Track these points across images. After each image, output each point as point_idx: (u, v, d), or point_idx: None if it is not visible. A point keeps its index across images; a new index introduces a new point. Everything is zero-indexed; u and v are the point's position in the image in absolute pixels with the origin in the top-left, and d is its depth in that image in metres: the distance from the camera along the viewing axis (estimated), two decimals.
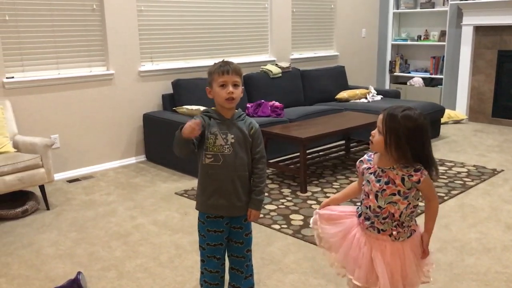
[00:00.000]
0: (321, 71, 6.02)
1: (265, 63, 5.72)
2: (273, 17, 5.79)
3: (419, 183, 1.71)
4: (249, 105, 4.99)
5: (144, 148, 4.89)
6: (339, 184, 4.04)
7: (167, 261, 2.77)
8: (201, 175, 2.05)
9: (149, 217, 3.44)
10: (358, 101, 5.78)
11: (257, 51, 5.79)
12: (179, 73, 4.99)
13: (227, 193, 2.02)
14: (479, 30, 6.29)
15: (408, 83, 7.17)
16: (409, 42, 7.27)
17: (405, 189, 1.72)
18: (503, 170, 4.34)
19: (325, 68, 6.16)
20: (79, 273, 2.49)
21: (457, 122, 6.43)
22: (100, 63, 4.52)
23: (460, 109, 6.56)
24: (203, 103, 4.46)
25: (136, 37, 4.66)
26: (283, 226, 3.21)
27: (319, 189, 3.92)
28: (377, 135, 1.75)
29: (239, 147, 2.01)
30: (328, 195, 3.76)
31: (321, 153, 4.71)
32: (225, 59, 2.07)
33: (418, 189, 1.75)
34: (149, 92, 4.86)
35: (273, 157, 4.46)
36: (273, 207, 3.55)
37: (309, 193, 3.82)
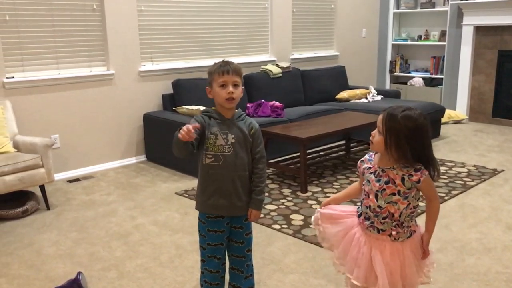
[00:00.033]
0: (322, 71, 6.02)
1: (265, 63, 5.72)
2: (273, 17, 5.79)
3: (419, 183, 1.71)
4: (249, 105, 4.99)
5: (144, 148, 4.89)
6: (339, 184, 4.04)
7: (168, 261, 2.77)
8: (202, 175, 2.05)
9: (150, 217, 3.44)
10: (358, 101, 5.78)
11: (257, 51, 5.79)
12: (179, 73, 4.99)
13: (228, 193, 2.01)
14: (480, 30, 6.29)
15: (408, 83, 7.16)
16: (409, 42, 7.26)
17: (405, 189, 1.72)
18: (503, 170, 4.34)
19: (325, 68, 6.16)
20: (80, 273, 2.49)
21: (458, 122, 6.43)
22: (100, 63, 4.52)
23: (460, 109, 6.56)
24: (203, 103, 4.46)
25: (136, 37, 4.66)
26: (284, 226, 3.21)
27: (320, 189, 3.92)
28: (377, 135, 1.75)
29: (240, 147, 2.00)
30: (328, 195, 3.76)
31: (321, 153, 4.71)
32: (225, 59, 2.07)
33: (418, 189, 1.74)
34: (149, 92, 4.86)
35: (273, 157, 4.45)
36: (273, 207, 3.55)
37: (309, 193, 3.82)
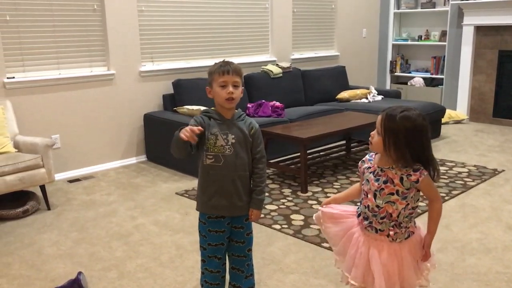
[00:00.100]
0: (322, 71, 6.02)
1: (266, 63, 5.72)
2: (273, 17, 5.79)
3: (417, 183, 1.70)
4: (249, 105, 4.99)
5: (144, 148, 4.89)
6: (339, 184, 4.04)
7: (168, 261, 2.77)
8: (202, 175, 2.05)
9: (150, 217, 3.44)
10: (358, 101, 5.78)
11: (257, 51, 5.79)
12: (180, 73, 4.99)
13: (228, 193, 2.01)
14: (480, 30, 6.29)
15: (408, 83, 7.16)
16: (409, 42, 7.26)
17: (403, 189, 1.72)
18: (504, 170, 4.34)
19: (325, 68, 6.16)
20: (80, 273, 2.49)
21: (458, 122, 6.42)
22: (101, 63, 4.52)
23: (461, 109, 6.55)
24: (203, 103, 4.46)
25: (136, 37, 4.66)
26: (284, 226, 3.21)
27: (320, 189, 3.92)
28: (376, 136, 1.74)
29: (240, 147, 2.01)
30: (329, 195, 3.76)
31: (321, 153, 4.71)
32: (225, 59, 2.07)
33: (418, 189, 1.74)
34: (150, 92, 4.86)
35: (273, 157, 4.45)
36: (273, 207, 3.55)
37: (309, 193, 3.82)
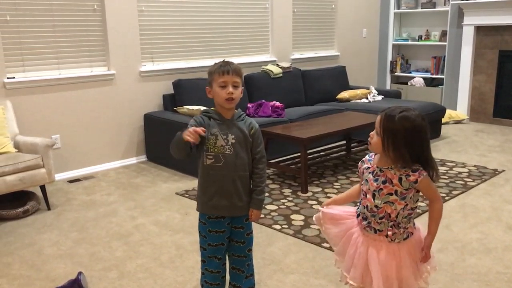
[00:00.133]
0: (322, 71, 6.02)
1: (266, 63, 5.72)
2: (274, 17, 5.79)
3: (416, 183, 1.70)
4: (250, 105, 4.99)
5: (145, 148, 4.89)
6: (340, 184, 4.04)
7: (168, 261, 2.77)
8: (202, 176, 2.05)
9: (150, 217, 3.44)
10: (359, 101, 5.78)
11: (258, 51, 5.79)
12: (180, 73, 4.99)
13: (229, 193, 2.01)
14: (480, 30, 6.28)
15: (409, 83, 7.16)
16: (410, 42, 7.26)
17: (402, 189, 1.72)
18: (504, 170, 4.34)
19: (326, 68, 6.16)
20: (80, 273, 2.49)
21: (458, 122, 6.42)
22: (101, 63, 4.52)
23: (461, 109, 6.55)
24: (204, 103, 4.46)
25: (137, 37, 4.66)
26: (284, 226, 3.21)
27: (320, 189, 3.92)
28: (375, 137, 1.74)
29: (240, 147, 2.01)
30: (329, 195, 3.76)
31: (322, 153, 4.71)
32: (225, 59, 2.07)
33: (417, 190, 1.74)
34: (150, 92, 4.86)
35: (274, 157, 4.45)
36: (274, 207, 3.54)
37: (310, 193, 3.82)
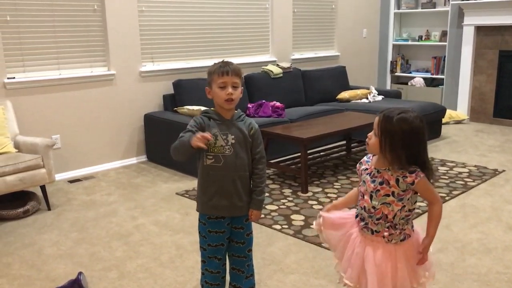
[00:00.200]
0: (322, 71, 6.02)
1: (266, 63, 5.72)
2: (274, 17, 5.79)
3: (413, 184, 1.70)
4: (250, 105, 4.99)
5: (145, 148, 4.89)
6: (340, 184, 4.04)
7: (168, 261, 2.77)
8: (202, 176, 2.05)
9: (150, 217, 3.44)
10: (359, 101, 5.78)
11: (258, 52, 5.79)
12: (180, 73, 4.99)
13: (229, 193, 2.01)
14: (480, 30, 6.28)
15: (409, 83, 7.16)
16: (410, 42, 7.26)
17: (399, 191, 1.71)
18: (504, 170, 4.33)
19: (326, 68, 6.16)
20: (80, 273, 2.49)
21: (458, 122, 6.42)
22: (101, 64, 4.52)
23: (461, 109, 6.55)
24: (204, 104, 4.46)
25: (137, 37, 4.66)
26: (284, 226, 3.21)
27: (320, 189, 3.92)
28: (373, 138, 1.74)
29: (240, 147, 2.01)
30: (329, 195, 3.76)
31: (322, 153, 4.71)
32: (225, 60, 2.07)
33: (415, 191, 1.74)
34: (150, 92, 4.86)
35: (274, 158, 4.45)
36: (274, 207, 3.54)
37: (310, 194, 3.82)
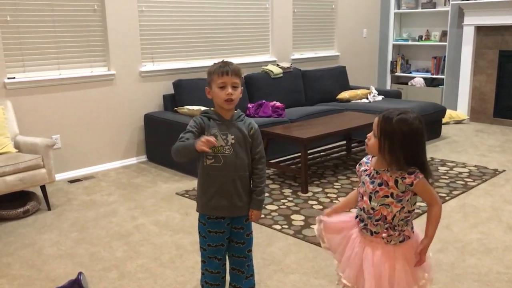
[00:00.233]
0: (322, 71, 6.02)
1: (266, 63, 5.72)
2: (274, 18, 5.79)
3: (412, 185, 1.69)
4: (250, 105, 4.99)
5: (145, 148, 4.89)
6: (340, 184, 4.03)
7: (168, 262, 2.77)
8: (202, 176, 2.04)
9: (150, 217, 3.44)
10: (359, 101, 5.78)
11: (258, 52, 5.79)
12: (180, 73, 4.99)
13: (229, 193, 2.01)
14: (481, 30, 6.28)
15: (409, 83, 7.16)
16: (410, 42, 7.26)
17: (398, 192, 1.71)
18: (504, 170, 4.33)
19: (326, 68, 6.16)
20: (80, 273, 2.49)
21: (459, 122, 6.42)
22: (101, 64, 4.52)
23: (461, 109, 6.55)
24: (204, 104, 4.46)
25: (137, 37, 4.66)
26: (284, 226, 3.21)
27: (320, 189, 3.92)
28: (372, 138, 1.74)
29: (239, 147, 2.01)
30: (329, 195, 3.76)
31: (322, 153, 4.71)
32: (224, 60, 2.07)
33: (415, 193, 1.73)
34: (150, 92, 4.86)
35: (274, 158, 4.45)
36: (274, 207, 3.54)
37: (310, 194, 3.82)
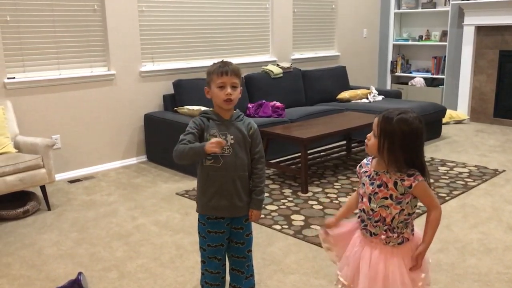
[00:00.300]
0: (322, 71, 6.02)
1: (266, 63, 5.71)
2: (274, 17, 5.79)
3: (411, 188, 1.68)
4: (250, 105, 4.99)
5: (145, 148, 4.89)
6: (340, 184, 4.03)
7: (168, 262, 2.77)
8: (201, 177, 2.04)
9: (150, 217, 3.44)
10: (359, 101, 5.77)
11: (258, 51, 5.78)
12: (180, 73, 4.99)
13: (229, 193, 2.01)
14: (481, 30, 6.28)
15: (409, 83, 7.16)
16: (410, 42, 7.26)
17: (397, 194, 1.70)
18: (504, 170, 4.33)
19: (326, 68, 6.16)
20: (80, 273, 2.49)
21: (459, 122, 6.42)
22: (101, 64, 4.52)
23: (461, 109, 6.55)
24: (204, 104, 4.46)
25: (137, 37, 4.66)
26: (284, 226, 3.21)
27: (320, 189, 3.91)
28: (372, 138, 1.73)
29: (239, 147, 2.00)
30: (329, 195, 3.76)
31: (322, 154, 4.70)
32: (224, 60, 2.07)
33: (414, 195, 1.72)
34: (150, 92, 4.86)
35: (274, 158, 4.45)
36: (274, 207, 3.54)
37: (310, 194, 3.81)
